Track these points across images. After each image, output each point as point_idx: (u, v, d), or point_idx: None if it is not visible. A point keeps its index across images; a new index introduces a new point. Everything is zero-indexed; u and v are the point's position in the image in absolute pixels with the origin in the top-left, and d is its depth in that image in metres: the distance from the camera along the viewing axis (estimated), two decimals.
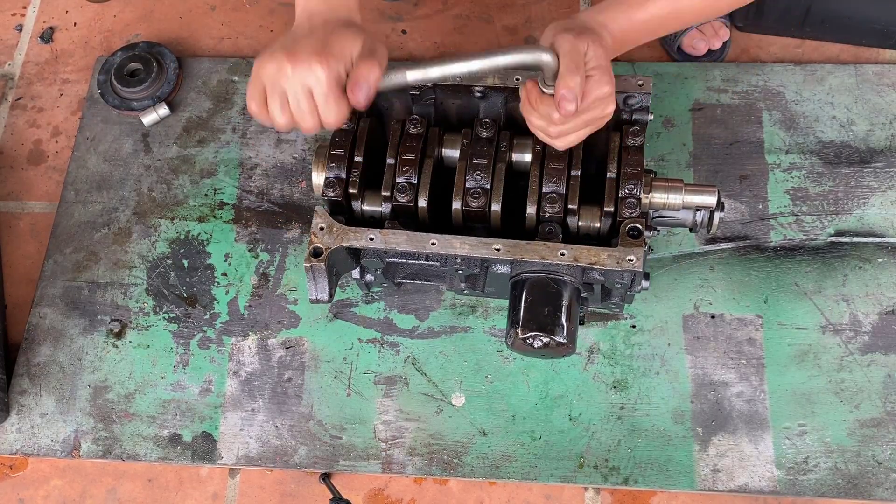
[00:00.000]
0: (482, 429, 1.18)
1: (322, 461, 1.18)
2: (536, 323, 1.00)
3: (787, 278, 1.23)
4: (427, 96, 1.12)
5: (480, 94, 1.11)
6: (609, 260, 1.01)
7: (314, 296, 1.06)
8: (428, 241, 1.04)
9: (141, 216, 1.35)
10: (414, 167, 1.07)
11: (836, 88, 1.33)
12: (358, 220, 1.11)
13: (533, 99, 0.95)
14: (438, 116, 1.14)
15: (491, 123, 1.09)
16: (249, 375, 1.24)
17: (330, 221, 1.06)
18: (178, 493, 1.22)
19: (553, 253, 1.02)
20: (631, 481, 1.15)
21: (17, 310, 1.33)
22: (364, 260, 1.08)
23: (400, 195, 1.07)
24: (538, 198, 1.06)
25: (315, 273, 1.05)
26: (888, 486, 1.12)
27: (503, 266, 1.05)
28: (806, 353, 1.19)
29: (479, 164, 1.07)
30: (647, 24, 1.00)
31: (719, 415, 1.17)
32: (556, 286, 1.02)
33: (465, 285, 1.13)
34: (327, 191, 1.08)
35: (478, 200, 1.06)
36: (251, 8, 1.52)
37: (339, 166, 1.08)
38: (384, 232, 1.05)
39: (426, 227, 1.09)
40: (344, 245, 1.05)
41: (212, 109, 1.41)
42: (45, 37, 1.52)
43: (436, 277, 1.17)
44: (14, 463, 1.25)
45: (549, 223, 1.06)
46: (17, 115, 1.47)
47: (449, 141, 1.11)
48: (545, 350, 1.02)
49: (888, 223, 1.25)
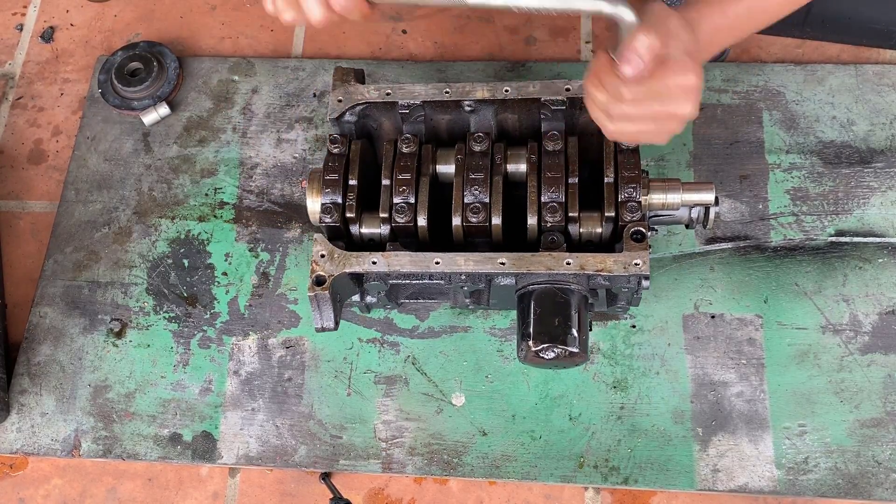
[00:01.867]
0: (482, 428, 1.19)
1: (322, 461, 1.18)
2: (548, 335, 1.00)
3: (788, 278, 1.23)
4: (416, 114, 1.11)
5: (470, 109, 1.11)
6: (616, 266, 1.01)
7: (320, 324, 1.06)
8: (431, 260, 1.04)
9: (141, 216, 1.35)
10: (410, 186, 1.07)
11: (836, 88, 1.33)
12: (357, 244, 1.11)
13: (602, 70, 0.83)
14: (429, 133, 1.14)
15: (483, 136, 1.09)
16: (249, 375, 1.24)
17: (330, 248, 1.05)
18: (178, 492, 1.22)
19: (559, 263, 1.02)
20: (631, 481, 1.15)
21: (18, 309, 1.33)
22: (367, 284, 1.07)
23: (398, 216, 1.07)
24: (538, 208, 1.05)
25: (320, 302, 1.04)
26: (888, 486, 1.12)
27: (507, 278, 1.05)
28: (806, 353, 1.19)
29: (475, 178, 1.06)
30: (738, 19, 0.93)
31: (719, 415, 1.17)
32: (564, 295, 1.02)
33: (469, 300, 1.12)
34: (324, 217, 1.07)
35: (478, 215, 1.05)
36: (252, 7, 1.52)
37: (335, 191, 1.08)
38: (386, 254, 1.05)
39: (427, 246, 1.08)
40: (347, 271, 1.04)
41: (212, 109, 1.41)
42: (46, 36, 1.52)
43: (439, 295, 1.17)
44: (14, 462, 1.25)
45: (550, 232, 1.05)
46: (18, 115, 1.47)
47: (443, 157, 1.11)
48: (558, 361, 1.01)
49: (888, 223, 1.25)
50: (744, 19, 0.95)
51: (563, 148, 1.08)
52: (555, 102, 1.08)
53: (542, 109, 1.09)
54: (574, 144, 1.09)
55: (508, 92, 1.09)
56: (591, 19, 1.44)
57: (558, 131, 1.09)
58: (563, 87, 1.09)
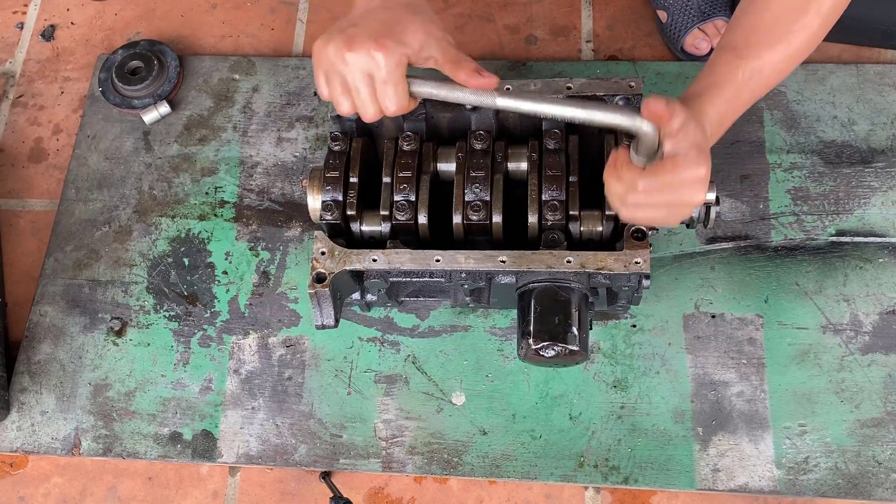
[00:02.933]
0: (482, 428, 1.18)
1: (322, 460, 1.18)
2: (548, 333, 1.00)
3: (788, 278, 1.23)
4: (418, 112, 1.11)
5: (471, 107, 1.10)
6: (616, 264, 1.01)
7: (320, 321, 1.06)
8: (432, 257, 1.04)
9: (142, 214, 1.35)
10: (411, 184, 1.07)
11: (837, 88, 1.33)
12: (357, 242, 1.10)
13: (620, 164, 0.90)
14: (430, 131, 1.14)
15: (485, 135, 1.09)
16: (250, 374, 1.24)
17: (331, 245, 1.05)
18: (178, 491, 1.22)
19: (559, 261, 1.02)
20: (631, 480, 1.15)
21: (18, 307, 1.33)
22: (367, 281, 1.07)
23: (399, 213, 1.06)
24: (539, 206, 1.05)
25: (320, 299, 1.04)
26: (888, 486, 1.12)
27: (508, 276, 1.05)
28: (806, 352, 1.19)
29: (476, 176, 1.06)
30: (743, 104, 0.98)
31: (719, 414, 1.17)
32: (564, 294, 1.02)
33: (469, 299, 1.12)
34: (325, 214, 1.07)
35: (478, 213, 1.05)
36: (252, 6, 1.52)
37: (335, 188, 1.08)
38: (387, 252, 1.05)
39: (427, 244, 1.08)
40: (347, 268, 1.04)
41: (213, 108, 1.41)
42: (47, 35, 1.52)
43: (440, 293, 1.17)
44: (14, 461, 1.25)
45: (551, 231, 1.05)
46: (18, 113, 1.47)
47: (444, 155, 1.10)
48: (558, 359, 1.02)
49: (889, 223, 1.24)
50: (747, 102, 0.99)
51: (563, 146, 1.08)
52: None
53: None
54: (575, 143, 1.09)
55: (509, 90, 1.09)
56: (591, 18, 1.44)
57: (559, 130, 1.09)
58: (564, 85, 1.09)
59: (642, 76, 1.36)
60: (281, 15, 1.50)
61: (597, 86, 1.09)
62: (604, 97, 1.09)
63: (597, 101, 1.03)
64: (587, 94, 1.08)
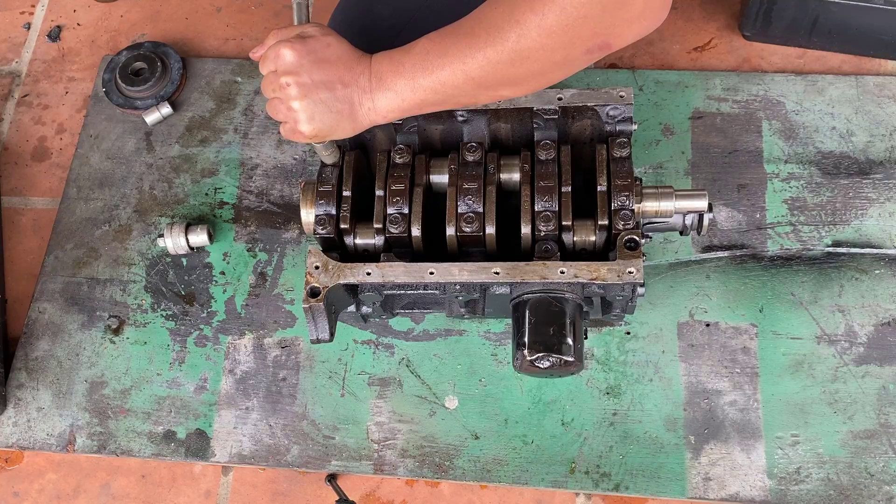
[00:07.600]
0: (474, 432, 1.19)
1: (314, 461, 1.19)
2: (543, 344, 1.00)
3: (783, 288, 1.23)
4: (410, 124, 1.11)
5: (463, 119, 1.11)
6: (609, 274, 1.01)
7: (315, 336, 1.06)
8: (426, 270, 1.04)
9: (142, 214, 1.36)
10: (404, 197, 1.07)
11: (836, 99, 1.33)
12: (351, 255, 1.10)
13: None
14: (423, 143, 1.14)
15: (477, 146, 1.09)
16: (245, 374, 1.24)
17: (325, 260, 1.05)
18: (171, 489, 1.22)
19: (553, 271, 1.02)
20: (622, 488, 1.15)
21: (18, 304, 1.34)
22: (362, 294, 1.07)
23: (392, 226, 1.07)
24: (532, 217, 1.05)
25: (315, 313, 1.04)
26: (880, 498, 1.11)
27: (502, 287, 1.05)
28: (800, 363, 1.19)
29: (469, 188, 1.06)
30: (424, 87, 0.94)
31: (712, 423, 1.16)
32: (559, 304, 1.02)
33: (464, 310, 1.12)
34: (318, 228, 1.07)
35: (471, 225, 1.05)
36: (257, 10, 1.53)
37: (329, 202, 1.07)
38: (381, 265, 1.05)
39: (421, 256, 1.08)
40: (341, 282, 1.04)
41: (214, 110, 1.42)
42: (53, 35, 1.54)
43: (434, 305, 1.17)
44: (10, 456, 1.26)
45: (544, 241, 1.05)
46: (23, 112, 1.48)
47: (436, 167, 1.10)
48: (553, 370, 1.01)
49: (886, 234, 1.24)
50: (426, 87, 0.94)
51: (555, 157, 1.08)
52: (547, 112, 1.09)
53: (534, 119, 1.10)
54: (567, 153, 1.09)
55: (501, 102, 1.09)
56: None
57: (551, 140, 1.09)
58: (555, 96, 1.09)
59: (641, 84, 1.36)
60: (285, 19, 1.51)
61: (587, 96, 1.09)
62: (594, 107, 1.09)
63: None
64: (577, 104, 1.08)
